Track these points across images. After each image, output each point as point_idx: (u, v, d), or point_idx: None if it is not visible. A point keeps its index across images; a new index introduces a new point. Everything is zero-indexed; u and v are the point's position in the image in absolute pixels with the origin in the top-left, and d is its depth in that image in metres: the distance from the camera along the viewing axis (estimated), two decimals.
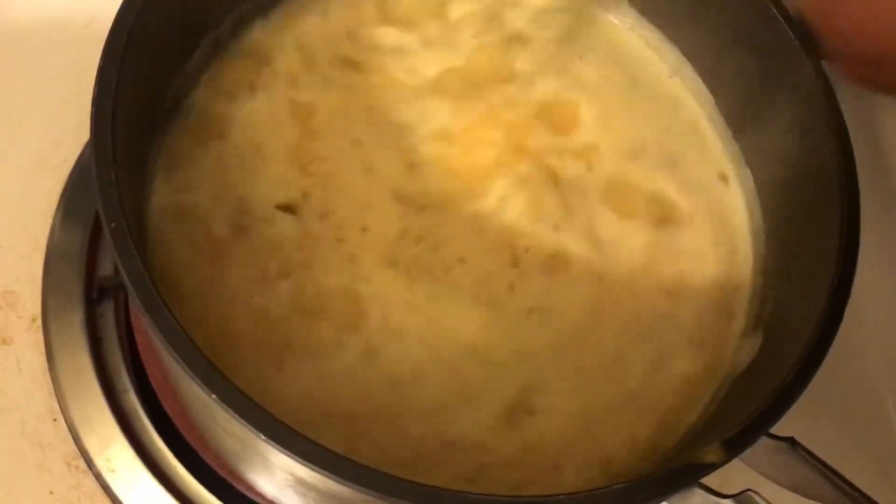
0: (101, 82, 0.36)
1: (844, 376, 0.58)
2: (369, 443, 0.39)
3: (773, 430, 0.37)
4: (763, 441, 0.37)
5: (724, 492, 0.36)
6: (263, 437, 0.30)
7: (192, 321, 0.40)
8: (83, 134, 0.57)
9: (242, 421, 0.30)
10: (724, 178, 0.48)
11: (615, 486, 0.32)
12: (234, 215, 0.43)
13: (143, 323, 0.46)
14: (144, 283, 0.32)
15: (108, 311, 0.53)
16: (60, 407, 0.50)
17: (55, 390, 0.50)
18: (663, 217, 0.46)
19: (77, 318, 0.52)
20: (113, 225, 0.33)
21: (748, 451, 0.38)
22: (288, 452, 0.30)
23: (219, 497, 0.48)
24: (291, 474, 0.34)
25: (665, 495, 0.33)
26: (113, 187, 0.34)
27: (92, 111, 0.36)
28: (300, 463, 0.30)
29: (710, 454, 0.33)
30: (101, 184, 0.34)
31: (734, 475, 0.39)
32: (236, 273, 0.41)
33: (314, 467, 0.30)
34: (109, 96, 0.36)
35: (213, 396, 0.30)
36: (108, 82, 0.36)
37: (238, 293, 0.41)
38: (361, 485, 0.30)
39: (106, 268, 0.53)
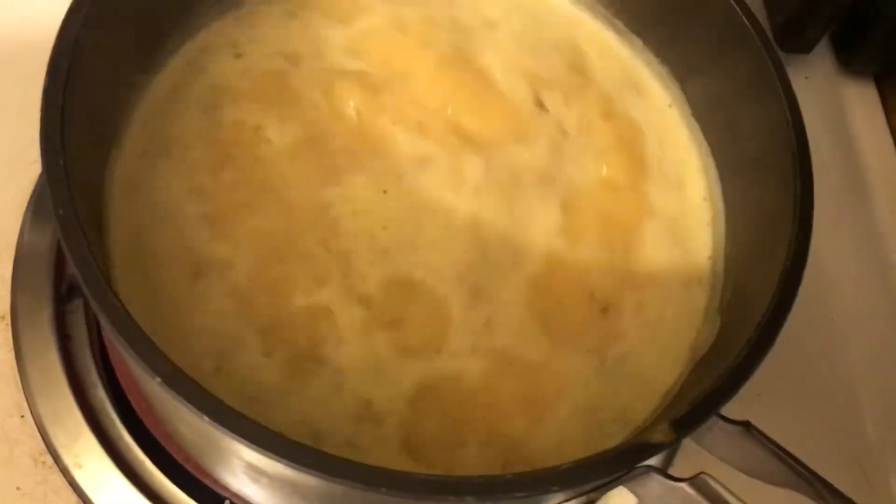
0: (52, 74, 0.36)
1: (819, 369, 0.58)
2: None
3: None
4: (720, 425, 0.38)
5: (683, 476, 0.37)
6: (207, 420, 0.30)
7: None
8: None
9: (186, 403, 0.30)
10: (686, 165, 0.49)
11: (563, 466, 0.32)
12: None
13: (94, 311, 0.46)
14: (91, 268, 0.32)
15: (77, 309, 0.53)
16: (28, 403, 0.50)
17: (23, 387, 0.50)
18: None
19: (46, 315, 0.52)
20: (61, 212, 0.33)
21: (706, 435, 0.39)
22: (230, 433, 0.30)
23: (186, 492, 0.48)
24: (241, 459, 0.34)
25: (613, 474, 0.33)
26: (62, 174, 0.34)
27: (42, 100, 0.36)
28: (243, 444, 0.30)
29: (659, 434, 0.33)
30: (49, 172, 0.34)
31: (694, 461, 0.39)
32: None
33: (256, 447, 0.30)
34: (59, 87, 0.36)
35: (158, 380, 0.31)
36: (58, 74, 0.37)
37: None
38: (303, 465, 0.30)
39: None
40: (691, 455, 0.43)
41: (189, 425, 0.35)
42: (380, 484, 0.30)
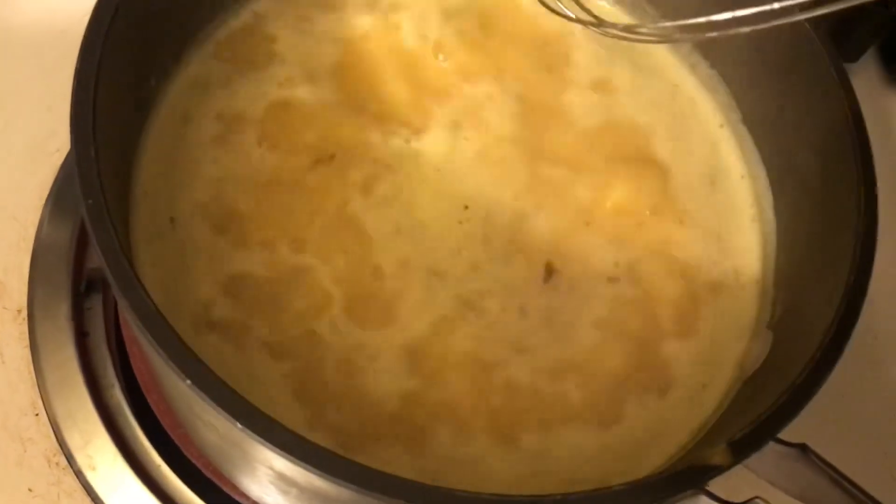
0: (85, 58, 0.35)
1: (863, 387, 0.56)
2: None
3: (785, 437, 0.35)
4: (773, 447, 0.35)
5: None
6: (240, 426, 0.28)
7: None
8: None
9: (218, 408, 0.28)
10: (738, 176, 0.46)
11: (616, 487, 0.30)
12: None
13: (120, 306, 0.45)
14: (119, 262, 0.30)
15: (95, 305, 0.51)
16: (43, 401, 0.48)
17: (38, 384, 0.48)
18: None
19: (63, 310, 0.50)
20: (90, 201, 0.31)
21: (757, 459, 0.36)
22: (264, 442, 0.28)
23: (203, 498, 0.47)
24: (271, 468, 0.32)
25: (668, 497, 0.31)
26: (92, 163, 0.32)
27: (73, 86, 0.34)
28: (278, 454, 0.28)
29: (717, 456, 0.31)
30: (79, 160, 0.32)
31: (743, 486, 0.37)
32: None
33: (292, 458, 0.28)
34: (92, 72, 0.35)
35: (188, 382, 0.29)
36: (91, 58, 0.35)
37: None
38: (341, 478, 0.28)
39: (95, 260, 0.52)
40: (732, 477, 0.41)
41: (215, 430, 0.33)
42: (421, 500, 0.28)
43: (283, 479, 0.33)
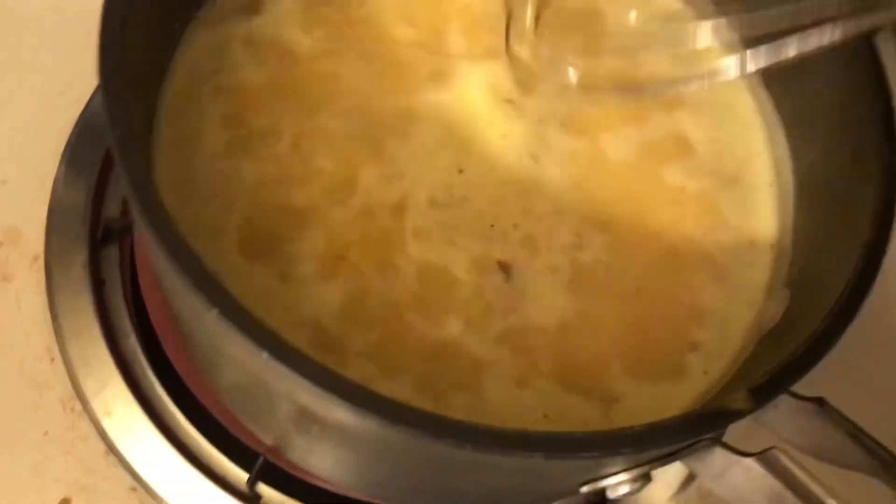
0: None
1: (882, 343, 0.56)
2: None
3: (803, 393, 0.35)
4: (789, 401, 0.36)
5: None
6: (267, 356, 0.28)
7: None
8: (96, 75, 0.56)
9: (244, 336, 0.28)
10: (753, 132, 0.46)
11: (635, 428, 0.30)
12: None
13: (145, 240, 0.44)
14: (149, 193, 0.30)
15: (112, 254, 0.51)
16: (59, 347, 0.48)
17: (54, 330, 0.49)
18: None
19: (80, 258, 0.50)
20: (118, 132, 0.31)
21: (773, 413, 0.36)
22: (293, 372, 0.28)
23: (217, 446, 0.47)
24: (294, 403, 0.32)
25: (687, 439, 0.31)
26: (120, 93, 0.32)
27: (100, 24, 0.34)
28: (304, 384, 0.28)
29: (737, 401, 0.31)
30: (107, 93, 0.32)
31: (756, 442, 0.37)
32: None
33: (322, 391, 0.28)
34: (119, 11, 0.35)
35: (215, 311, 0.29)
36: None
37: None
38: (369, 410, 0.28)
39: (113, 209, 0.52)
40: (748, 437, 0.41)
41: (238, 366, 0.34)
42: (447, 434, 0.28)
43: (305, 416, 0.33)
